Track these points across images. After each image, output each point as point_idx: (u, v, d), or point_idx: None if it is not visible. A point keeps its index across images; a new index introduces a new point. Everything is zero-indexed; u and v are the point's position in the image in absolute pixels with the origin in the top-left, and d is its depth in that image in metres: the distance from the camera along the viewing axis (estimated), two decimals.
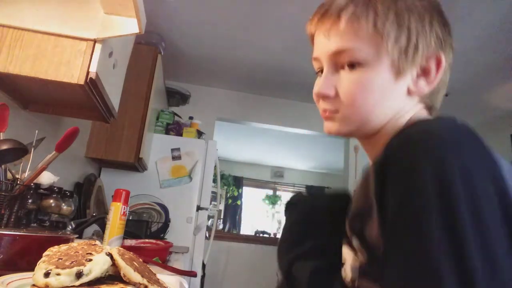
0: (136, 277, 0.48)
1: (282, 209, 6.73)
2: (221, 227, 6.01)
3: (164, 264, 1.12)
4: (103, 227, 1.40)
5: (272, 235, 5.89)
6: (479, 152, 0.38)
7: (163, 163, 2.50)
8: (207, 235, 2.73)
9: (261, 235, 5.69)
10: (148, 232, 2.02)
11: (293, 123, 3.51)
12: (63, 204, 1.22)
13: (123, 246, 1.04)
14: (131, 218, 2.06)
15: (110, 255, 0.50)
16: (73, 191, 1.39)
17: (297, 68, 2.83)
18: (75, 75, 0.99)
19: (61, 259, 0.48)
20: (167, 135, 2.63)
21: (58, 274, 0.45)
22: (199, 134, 2.72)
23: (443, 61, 0.49)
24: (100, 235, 1.56)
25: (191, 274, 1.05)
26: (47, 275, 0.45)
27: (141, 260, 0.56)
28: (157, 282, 0.52)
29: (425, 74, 0.49)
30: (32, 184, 1.04)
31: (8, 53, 0.97)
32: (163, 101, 2.89)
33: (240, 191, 6.57)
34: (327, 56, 0.52)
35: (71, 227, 1.27)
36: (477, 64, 2.49)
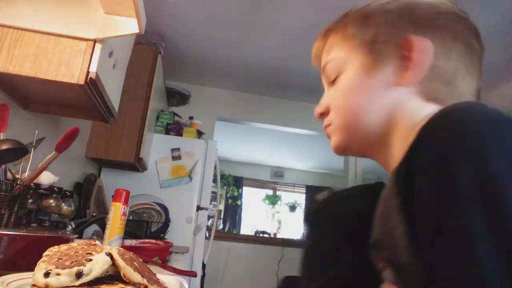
0: (136, 277, 0.48)
1: (282, 209, 6.75)
2: (221, 227, 6.01)
3: (164, 264, 1.12)
4: (103, 227, 1.40)
5: (272, 235, 5.89)
6: None
7: (163, 163, 2.50)
8: (207, 235, 2.73)
9: (261, 235, 5.69)
10: (148, 232, 2.02)
11: (293, 123, 3.51)
12: (63, 204, 1.22)
13: (123, 246, 1.04)
14: (131, 218, 2.06)
15: (110, 255, 0.50)
16: (73, 191, 1.39)
17: (297, 68, 2.83)
18: (75, 75, 0.99)
19: (61, 259, 0.48)
20: (167, 135, 2.63)
21: (58, 274, 0.45)
22: (199, 134, 2.72)
23: (419, 44, 0.45)
24: (100, 235, 1.56)
25: (191, 274, 1.05)
26: (47, 275, 0.45)
27: (141, 260, 0.56)
28: (157, 282, 0.52)
29: (407, 62, 0.46)
30: (32, 184, 1.04)
31: (8, 53, 0.97)
32: (163, 101, 2.89)
33: (240, 191, 6.57)
34: (321, 76, 0.55)
35: (71, 227, 1.27)
36: None
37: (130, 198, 1.07)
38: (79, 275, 0.46)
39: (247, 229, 6.46)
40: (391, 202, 0.36)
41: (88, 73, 1.00)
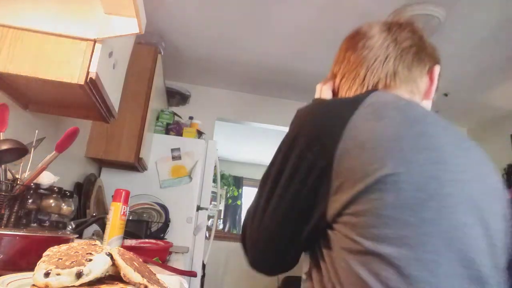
0: (136, 277, 0.48)
1: None
2: (221, 227, 6.01)
3: (164, 264, 1.12)
4: (103, 227, 1.40)
5: None
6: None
7: (163, 163, 2.50)
8: (207, 235, 2.73)
9: None
10: (148, 232, 2.02)
11: None
12: (63, 204, 1.22)
13: (123, 246, 1.04)
14: (131, 218, 2.06)
15: (110, 255, 0.50)
16: (73, 191, 1.39)
17: (297, 68, 2.83)
18: (75, 75, 0.99)
19: (61, 259, 0.48)
20: (167, 135, 2.63)
21: (58, 274, 0.45)
22: (199, 134, 2.72)
23: None
24: (100, 235, 1.56)
25: (191, 274, 1.05)
26: (47, 275, 0.45)
27: (141, 260, 0.56)
28: (157, 282, 0.52)
29: None
30: (32, 184, 1.04)
31: (8, 53, 0.97)
32: (163, 101, 2.89)
33: (240, 191, 6.56)
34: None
35: (71, 227, 1.27)
36: (477, 64, 2.49)
37: (130, 198, 1.07)
38: (79, 275, 0.46)
39: None
40: None
41: (88, 73, 1.00)
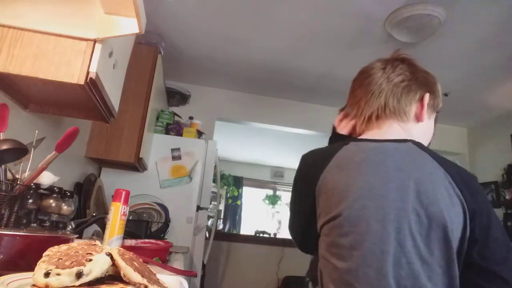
0: (136, 277, 0.48)
1: (282, 209, 6.74)
2: (221, 227, 6.01)
3: (164, 264, 1.12)
4: (103, 227, 1.40)
5: (272, 235, 5.88)
6: None
7: (163, 163, 2.50)
8: (207, 235, 2.73)
9: (261, 235, 5.68)
10: (148, 232, 2.02)
11: (293, 123, 3.51)
12: (63, 204, 1.22)
13: (123, 246, 1.04)
14: (131, 218, 2.06)
15: (110, 255, 0.50)
16: (73, 191, 1.39)
17: (297, 68, 2.83)
18: (75, 75, 0.99)
19: (61, 259, 0.48)
20: (167, 135, 2.63)
21: (58, 274, 0.45)
22: (199, 134, 2.72)
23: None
24: (100, 235, 1.56)
25: (191, 274, 1.05)
26: (47, 275, 0.45)
27: (141, 260, 0.56)
28: (157, 282, 0.52)
29: None
30: (32, 184, 1.04)
31: (8, 53, 0.97)
32: (163, 101, 2.89)
33: (240, 191, 6.57)
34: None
35: (71, 227, 1.27)
36: (477, 64, 2.49)
37: (130, 198, 1.07)
38: (79, 275, 0.46)
39: (247, 229, 6.46)
40: None
41: (88, 73, 1.00)
